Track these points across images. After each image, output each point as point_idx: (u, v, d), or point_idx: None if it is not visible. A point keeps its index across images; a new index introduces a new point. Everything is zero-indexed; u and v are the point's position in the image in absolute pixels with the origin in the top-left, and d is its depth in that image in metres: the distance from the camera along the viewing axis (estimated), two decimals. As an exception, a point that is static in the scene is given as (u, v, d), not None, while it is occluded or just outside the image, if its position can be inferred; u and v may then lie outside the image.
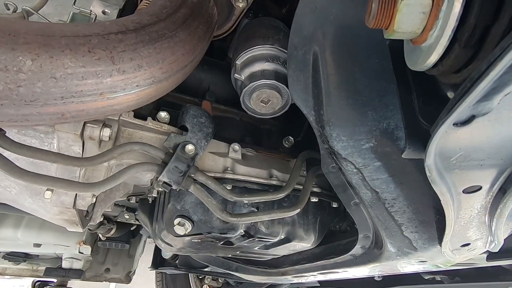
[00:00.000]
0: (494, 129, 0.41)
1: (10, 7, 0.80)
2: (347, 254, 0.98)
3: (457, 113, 0.38)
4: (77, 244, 1.95)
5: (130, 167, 0.71)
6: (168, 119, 0.75)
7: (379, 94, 0.60)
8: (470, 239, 0.67)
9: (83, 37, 0.49)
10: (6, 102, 0.44)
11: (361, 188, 0.68)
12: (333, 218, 1.18)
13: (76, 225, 0.99)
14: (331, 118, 0.61)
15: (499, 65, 0.31)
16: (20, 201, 0.90)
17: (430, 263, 0.86)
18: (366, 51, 0.60)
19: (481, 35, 0.36)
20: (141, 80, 0.55)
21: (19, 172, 0.61)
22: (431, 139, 0.42)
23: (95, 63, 0.48)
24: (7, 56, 0.42)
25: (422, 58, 0.42)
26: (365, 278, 1.33)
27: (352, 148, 0.62)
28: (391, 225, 0.72)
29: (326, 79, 0.61)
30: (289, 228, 1.11)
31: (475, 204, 0.57)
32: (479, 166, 0.48)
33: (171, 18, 0.61)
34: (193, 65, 0.68)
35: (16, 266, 2.16)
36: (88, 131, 0.66)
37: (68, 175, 0.77)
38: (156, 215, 1.20)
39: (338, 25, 0.59)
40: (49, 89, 0.46)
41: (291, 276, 1.35)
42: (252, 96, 0.80)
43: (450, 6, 0.35)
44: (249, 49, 0.80)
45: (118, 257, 2.27)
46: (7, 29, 0.43)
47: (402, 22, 0.39)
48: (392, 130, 0.60)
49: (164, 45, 0.57)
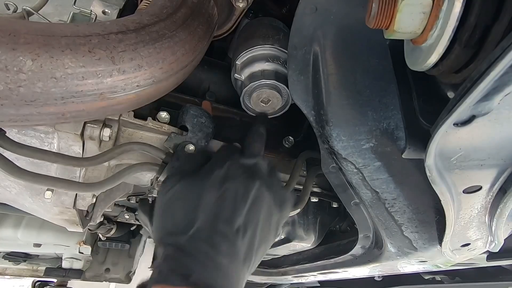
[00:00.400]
0: (494, 129, 0.41)
1: (11, 7, 0.80)
2: (347, 254, 0.98)
3: (457, 113, 0.38)
4: (77, 244, 1.95)
5: (130, 167, 0.71)
6: (168, 119, 0.75)
7: (379, 94, 0.60)
8: (470, 239, 0.67)
9: (83, 37, 0.49)
10: (6, 102, 0.44)
11: (361, 188, 0.68)
12: (333, 218, 1.18)
13: (76, 225, 0.99)
14: (331, 118, 0.61)
15: (500, 65, 0.31)
16: (20, 201, 0.90)
17: (430, 263, 0.86)
18: (366, 51, 0.60)
19: (481, 35, 0.36)
20: (141, 80, 0.55)
21: (19, 172, 0.61)
22: (431, 139, 0.42)
23: (96, 63, 0.48)
24: (8, 56, 0.42)
25: (422, 58, 0.42)
26: (365, 278, 1.33)
27: (352, 148, 0.62)
28: (391, 225, 0.72)
29: (326, 79, 0.61)
30: (289, 228, 1.11)
31: (475, 204, 0.57)
32: (479, 166, 0.48)
33: (171, 18, 0.61)
34: (193, 65, 0.68)
35: (16, 266, 2.16)
36: (88, 131, 0.66)
37: (68, 175, 0.77)
38: (156, 215, 1.20)
39: (339, 25, 0.59)
40: (50, 89, 0.46)
41: (291, 276, 1.36)
42: (252, 96, 0.80)
43: (450, 6, 0.35)
44: (249, 49, 0.79)
45: (118, 257, 2.27)
46: (7, 29, 0.43)
47: (402, 22, 0.39)
48: (392, 130, 0.60)
49: (164, 45, 0.57)
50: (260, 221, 0.55)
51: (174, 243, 0.51)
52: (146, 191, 1.18)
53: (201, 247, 0.50)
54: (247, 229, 0.53)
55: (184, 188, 0.56)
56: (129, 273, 2.28)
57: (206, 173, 0.57)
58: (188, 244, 0.50)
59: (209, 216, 0.52)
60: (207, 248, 0.50)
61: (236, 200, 0.54)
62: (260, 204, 0.56)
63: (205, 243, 0.50)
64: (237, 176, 0.56)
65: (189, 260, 0.49)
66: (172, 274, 0.48)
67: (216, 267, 0.49)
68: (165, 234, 0.54)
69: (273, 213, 0.59)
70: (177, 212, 0.55)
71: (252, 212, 0.54)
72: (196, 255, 0.49)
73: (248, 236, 0.53)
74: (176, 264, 0.49)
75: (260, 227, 0.55)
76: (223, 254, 0.50)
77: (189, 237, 0.51)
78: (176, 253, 0.50)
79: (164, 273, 0.49)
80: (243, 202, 0.54)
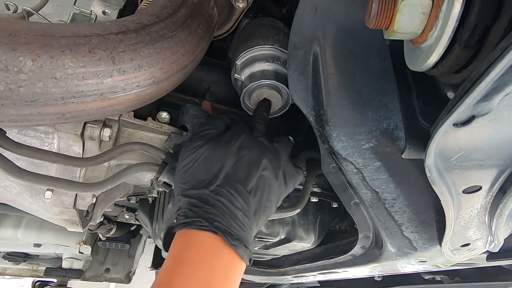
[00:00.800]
0: (494, 129, 0.41)
1: (11, 8, 0.81)
2: (347, 254, 0.98)
3: (457, 113, 0.38)
4: (77, 244, 1.95)
5: (130, 167, 0.71)
6: (168, 119, 0.75)
7: (379, 94, 0.60)
8: (470, 239, 0.67)
9: (83, 37, 0.49)
10: (6, 102, 0.44)
11: (361, 188, 0.68)
12: (333, 218, 1.18)
13: (76, 225, 0.99)
14: (331, 118, 0.61)
15: (499, 65, 0.31)
16: (20, 201, 0.90)
17: (430, 263, 0.86)
18: (366, 51, 0.60)
19: (481, 35, 0.36)
20: (141, 80, 0.55)
21: (19, 172, 0.61)
22: (431, 139, 0.42)
23: (96, 63, 0.49)
24: (8, 56, 0.42)
25: (422, 58, 0.42)
26: (365, 278, 1.33)
27: (352, 148, 0.62)
28: (391, 225, 0.72)
29: (326, 79, 0.61)
30: (289, 228, 1.11)
31: (475, 204, 0.57)
32: (479, 166, 0.48)
33: (171, 18, 0.61)
34: (193, 65, 0.68)
35: (16, 266, 2.16)
36: (89, 131, 0.66)
37: (68, 175, 0.77)
38: (156, 215, 1.20)
39: (339, 25, 0.59)
40: (50, 89, 0.46)
41: (291, 276, 1.36)
42: (252, 96, 0.80)
43: (450, 6, 0.35)
44: (249, 49, 0.80)
45: (118, 257, 2.28)
46: (7, 29, 0.43)
47: (402, 23, 0.39)
48: (392, 130, 0.60)
49: (165, 45, 0.57)
50: (266, 187, 0.64)
51: (198, 195, 0.61)
52: (146, 191, 1.18)
53: (222, 200, 0.59)
54: (257, 191, 0.63)
55: (209, 151, 0.65)
56: (129, 273, 2.28)
57: (226, 141, 0.66)
58: (211, 197, 0.60)
59: (229, 176, 0.62)
60: (226, 202, 0.59)
61: (249, 166, 0.64)
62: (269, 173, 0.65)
63: (225, 198, 0.60)
64: (251, 147, 0.66)
65: (212, 209, 0.58)
66: (198, 219, 0.57)
67: (233, 217, 0.59)
68: (190, 187, 0.63)
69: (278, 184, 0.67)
70: (201, 170, 0.64)
71: (262, 178, 0.64)
72: (217, 206, 0.59)
73: (258, 196, 0.63)
74: (200, 211, 0.58)
75: (267, 192, 0.64)
76: (238, 208, 0.60)
77: (211, 192, 0.61)
78: (200, 203, 0.59)
79: (190, 218, 0.58)
80: (255, 168, 0.64)
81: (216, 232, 0.56)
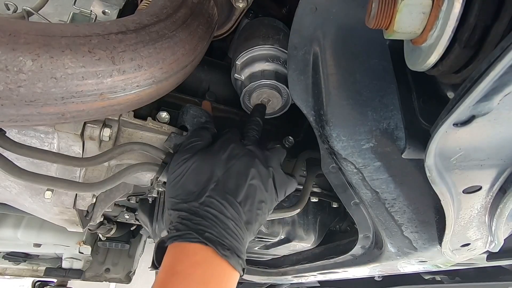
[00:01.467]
0: (494, 129, 0.41)
1: (11, 7, 0.81)
2: (347, 254, 0.98)
3: (457, 113, 0.38)
4: (77, 244, 1.95)
5: (130, 167, 0.71)
6: (168, 119, 0.75)
7: (379, 94, 0.60)
8: (470, 239, 0.67)
9: (83, 37, 0.49)
10: (6, 102, 0.44)
11: (361, 188, 0.68)
12: (333, 218, 1.18)
13: (76, 225, 0.99)
14: (331, 118, 0.61)
15: (499, 65, 0.31)
16: (20, 201, 0.90)
17: (430, 263, 0.86)
18: (366, 51, 0.60)
19: (481, 35, 0.36)
20: (141, 80, 0.55)
21: (19, 172, 0.61)
22: (431, 139, 0.42)
23: (96, 63, 0.48)
24: (8, 56, 0.42)
25: (422, 58, 0.42)
26: (365, 278, 1.33)
27: (352, 148, 0.62)
28: (391, 225, 0.72)
29: (326, 79, 0.61)
30: (289, 228, 1.11)
31: (475, 204, 0.57)
32: (479, 166, 0.48)
33: (171, 18, 0.61)
34: (193, 65, 0.68)
35: (16, 266, 2.16)
36: (88, 131, 0.66)
37: (68, 175, 0.77)
38: (156, 215, 1.20)
39: (339, 25, 0.59)
40: (50, 89, 0.46)
41: (291, 276, 1.36)
42: (252, 96, 0.80)
43: (450, 6, 0.35)
44: (249, 49, 0.80)
45: (118, 257, 2.28)
46: (7, 29, 0.43)
47: (402, 22, 0.39)
48: (392, 130, 0.60)
49: (165, 45, 0.57)
50: (257, 196, 0.64)
51: (188, 208, 0.61)
52: (146, 191, 1.18)
53: (212, 212, 0.60)
54: (247, 201, 0.63)
55: (197, 163, 0.65)
56: (129, 273, 2.28)
57: (215, 152, 0.67)
58: (201, 209, 0.60)
59: (219, 187, 0.62)
60: (216, 213, 0.60)
61: (238, 176, 0.64)
62: (258, 181, 0.65)
63: (215, 209, 0.60)
64: (239, 156, 0.66)
65: (202, 221, 0.59)
66: (188, 232, 0.57)
67: (224, 227, 0.59)
68: (180, 201, 0.63)
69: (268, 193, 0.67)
70: (190, 183, 0.64)
71: (252, 187, 0.64)
72: (207, 217, 0.59)
73: (248, 206, 0.63)
74: (191, 224, 0.58)
75: (257, 201, 0.64)
76: (229, 218, 0.60)
77: (200, 204, 0.61)
78: (190, 216, 0.60)
79: (181, 231, 0.58)
80: (244, 178, 0.64)
81: (207, 243, 0.56)
